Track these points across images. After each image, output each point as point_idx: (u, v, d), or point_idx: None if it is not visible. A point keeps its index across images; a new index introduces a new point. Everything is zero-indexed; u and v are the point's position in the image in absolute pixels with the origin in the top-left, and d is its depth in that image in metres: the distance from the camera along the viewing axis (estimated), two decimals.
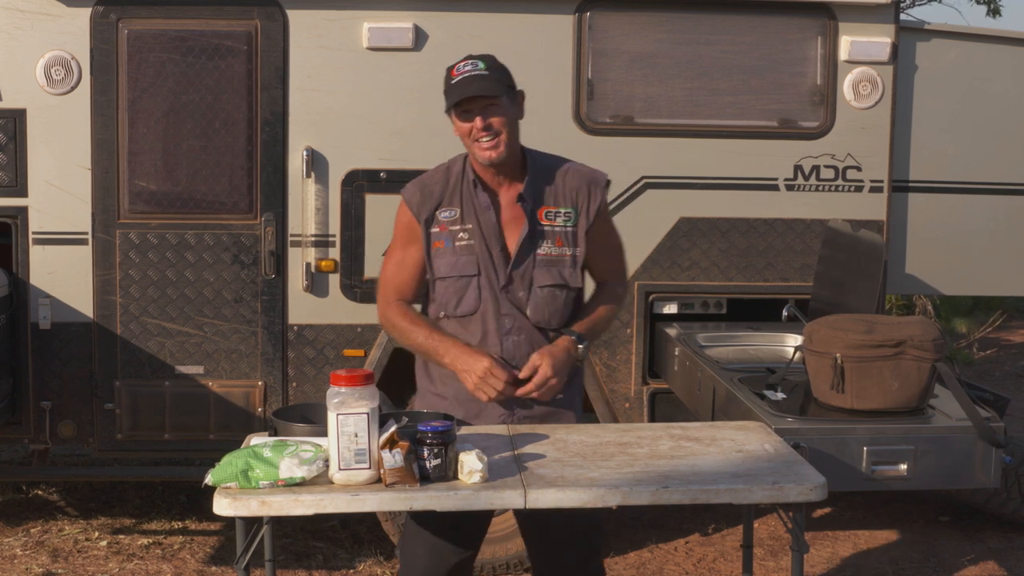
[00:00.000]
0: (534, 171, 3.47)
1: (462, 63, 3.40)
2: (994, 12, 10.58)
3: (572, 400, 3.60)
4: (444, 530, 3.44)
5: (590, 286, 3.65)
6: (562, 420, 3.56)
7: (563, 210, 3.47)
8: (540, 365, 3.38)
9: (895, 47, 5.27)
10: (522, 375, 3.41)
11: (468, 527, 3.49)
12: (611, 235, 3.60)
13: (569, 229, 3.47)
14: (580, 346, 3.45)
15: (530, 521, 3.53)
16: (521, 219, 3.45)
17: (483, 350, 3.41)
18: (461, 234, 3.45)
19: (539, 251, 3.45)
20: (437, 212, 3.46)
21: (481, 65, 3.37)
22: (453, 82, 3.37)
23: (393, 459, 2.94)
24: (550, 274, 3.45)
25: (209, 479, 2.99)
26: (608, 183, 3.57)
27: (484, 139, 3.35)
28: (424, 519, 3.45)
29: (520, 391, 3.40)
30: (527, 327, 3.46)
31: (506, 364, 3.40)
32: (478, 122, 3.34)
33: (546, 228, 3.46)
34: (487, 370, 3.35)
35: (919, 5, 10.61)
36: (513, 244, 3.45)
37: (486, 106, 3.34)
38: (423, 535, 3.46)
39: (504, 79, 3.40)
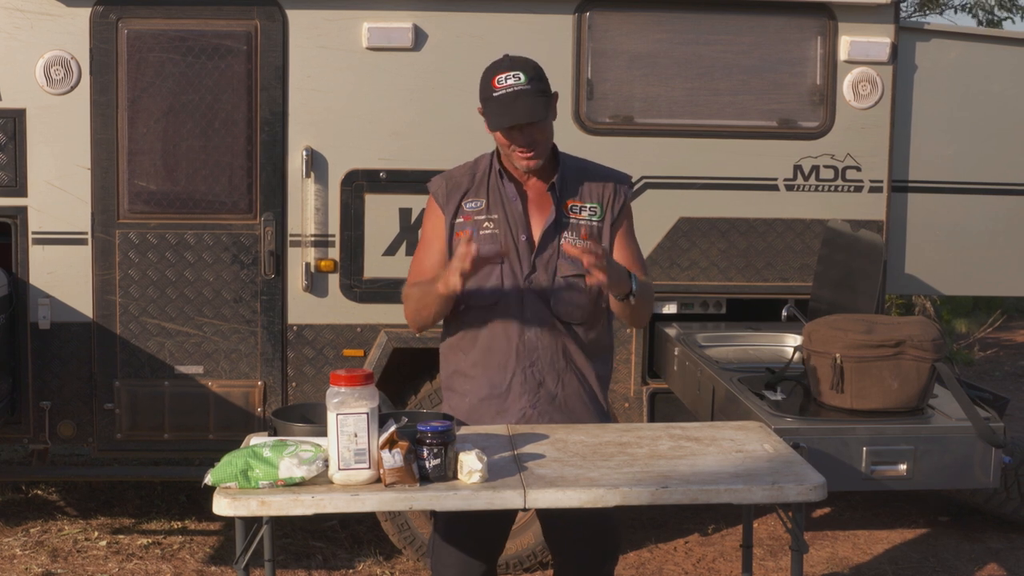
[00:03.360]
0: (564, 167, 3.49)
1: (503, 75, 3.30)
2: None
3: (599, 405, 3.60)
4: (470, 539, 3.46)
5: None
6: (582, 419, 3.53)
7: (589, 205, 3.48)
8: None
9: (895, 47, 5.27)
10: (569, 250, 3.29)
11: (493, 533, 3.51)
12: (633, 238, 3.59)
13: (595, 223, 3.47)
14: (632, 283, 3.31)
15: (551, 521, 3.55)
16: (548, 208, 3.45)
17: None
18: (486, 223, 3.43)
19: (565, 241, 3.43)
20: (463, 203, 3.46)
21: (523, 78, 3.29)
22: (495, 95, 3.29)
23: (393, 459, 2.93)
24: (575, 264, 3.41)
25: (209, 479, 2.99)
26: (633, 185, 3.58)
27: (524, 154, 3.36)
28: (450, 531, 3.47)
29: (567, 246, 3.31)
30: (549, 319, 3.44)
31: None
32: (521, 140, 3.32)
33: (572, 220, 3.45)
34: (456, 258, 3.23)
35: (918, 16, 10.67)
36: (538, 232, 3.44)
37: (529, 125, 3.31)
38: (449, 548, 3.48)
39: (545, 89, 3.34)
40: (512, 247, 3.43)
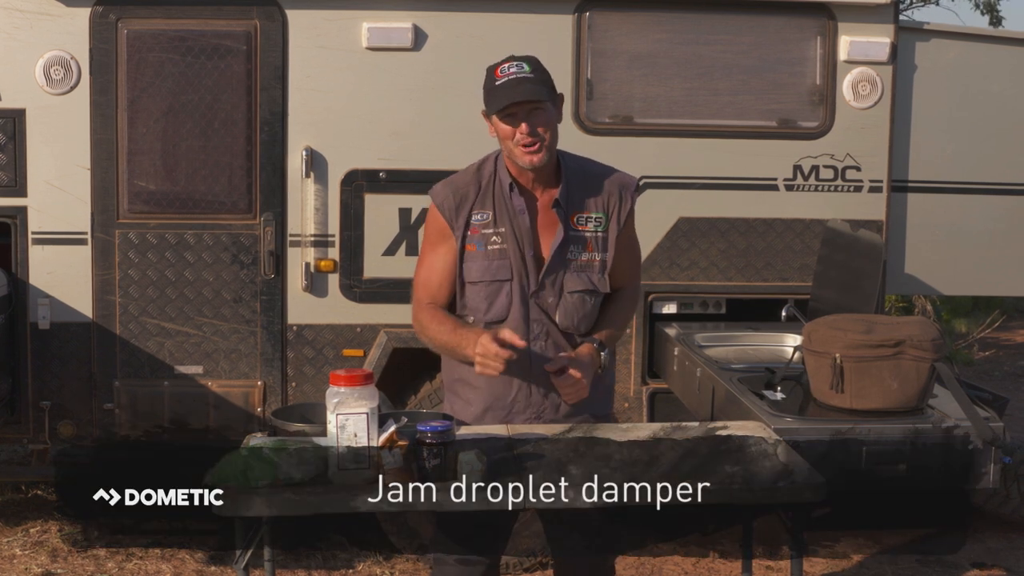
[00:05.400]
0: (568, 175, 3.43)
1: (506, 64, 3.31)
2: (996, 23, 10.65)
3: (605, 407, 3.60)
4: (471, 540, 3.44)
5: None
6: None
7: (595, 215, 3.44)
8: (573, 366, 3.34)
9: (894, 47, 5.27)
10: (550, 368, 3.36)
11: (494, 533, 3.50)
12: (634, 239, 3.59)
13: (600, 234, 3.45)
14: (602, 354, 3.43)
15: (551, 522, 3.54)
16: (555, 224, 3.41)
17: (482, 331, 3.34)
18: (494, 237, 3.39)
19: (571, 257, 3.42)
20: (471, 216, 3.40)
21: (526, 67, 3.30)
22: (498, 83, 3.28)
23: (393, 459, 2.94)
24: (580, 280, 3.42)
25: (208, 479, 2.98)
26: (638, 187, 3.56)
27: (527, 144, 3.29)
28: (451, 531, 3.45)
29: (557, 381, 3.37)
30: (554, 332, 3.43)
31: (503, 338, 3.27)
32: (524, 127, 3.27)
33: (579, 234, 3.43)
34: (480, 347, 3.26)
35: (916, 7, 10.67)
36: (547, 250, 3.41)
37: (532, 110, 3.27)
38: (451, 548, 3.47)
39: (548, 82, 3.34)
40: (520, 264, 3.40)
